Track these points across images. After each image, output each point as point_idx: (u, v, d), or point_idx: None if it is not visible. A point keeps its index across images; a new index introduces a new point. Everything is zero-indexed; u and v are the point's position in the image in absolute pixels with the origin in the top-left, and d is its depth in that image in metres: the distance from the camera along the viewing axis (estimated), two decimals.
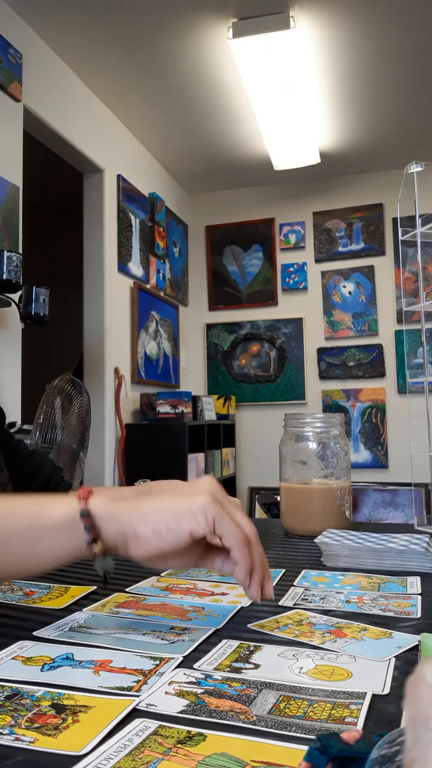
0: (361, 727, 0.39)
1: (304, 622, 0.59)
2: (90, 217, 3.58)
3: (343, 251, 4.61)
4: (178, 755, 0.35)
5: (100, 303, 3.53)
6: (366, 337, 4.54)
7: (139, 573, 0.78)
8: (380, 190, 4.54)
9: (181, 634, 0.56)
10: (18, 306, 2.56)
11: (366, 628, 0.58)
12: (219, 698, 0.43)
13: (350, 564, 0.83)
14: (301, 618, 0.61)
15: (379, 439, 4.43)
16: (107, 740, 0.37)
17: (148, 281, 4.07)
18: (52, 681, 0.45)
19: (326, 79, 3.34)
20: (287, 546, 1.00)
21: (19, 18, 2.80)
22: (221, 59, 3.12)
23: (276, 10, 2.74)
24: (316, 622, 0.60)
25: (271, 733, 0.38)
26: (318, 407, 4.57)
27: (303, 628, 0.58)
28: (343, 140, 4.06)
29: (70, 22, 2.87)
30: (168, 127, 3.87)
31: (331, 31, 2.93)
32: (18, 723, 0.39)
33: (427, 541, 0.85)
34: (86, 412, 2.47)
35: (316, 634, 0.56)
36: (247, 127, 3.82)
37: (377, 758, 0.26)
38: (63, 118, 3.13)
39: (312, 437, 1.11)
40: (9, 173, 2.67)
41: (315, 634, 0.56)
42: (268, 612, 0.64)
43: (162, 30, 2.91)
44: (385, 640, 0.54)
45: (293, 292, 4.72)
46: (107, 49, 3.07)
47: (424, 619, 0.61)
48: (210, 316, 4.87)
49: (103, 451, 3.43)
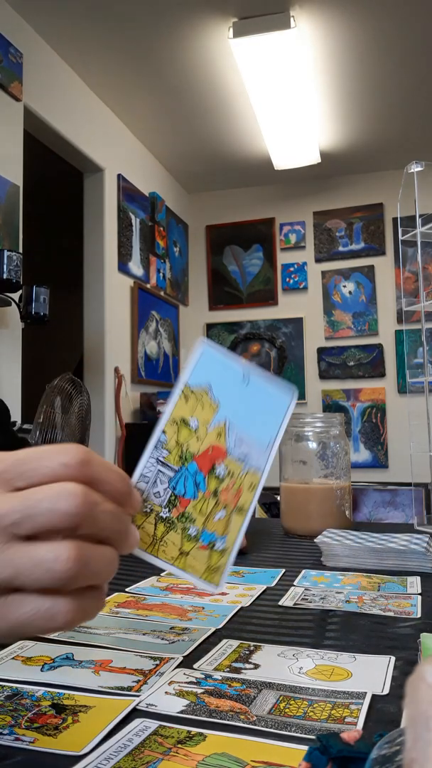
0: (361, 727, 0.39)
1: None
2: (90, 217, 3.58)
3: (343, 251, 4.61)
4: (178, 755, 0.35)
5: (100, 303, 3.53)
6: (366, 337, 4.54)
7: (139, 573, 0.78)
8: (380, 190, 4.54)
9: (181, 634, 0.56)
10: (18, 305, 2.56)
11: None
12: (219, 698, 0.42)
13: (350, 564, 0.83)
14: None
15: (379, 439, 4.43)
16: (107, 740, 0.36)
17: (148, 281, 4.07)
18: (52, 681, 0.45)
19: (326, 79, 3.34)
20: (287, 546, 1.00)
21: (20, 17, 2.80)
22: (222, 59, 3.12)
23: (276, 9, 2.74)
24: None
25: (271, 733, 0.38)
26: (318, 407, 4.57)
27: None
28: (343, 140, 4.06)
29: (71, 22, 2.86)
30: (168, 127, 3.87)
31: (332, 31, 2.93)
32: (18, 723, 0.39)
33: (427, 541, 0.85)
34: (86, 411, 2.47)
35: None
36: (248, 127, 3.82)
37: (377, 758, 0.26)
38: (63, 118, 3.12)
39: (312, 437, 1.11)
40: (9, 172, 2.67)
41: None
42: (268, 612, 0.64)
43: (163, 29, 2.91)
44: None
45: (293, 292, 4.71)
46: (108, 49, 3.07)
47: (424, 619, 0.61)
48: (210, 315, 4.87)
49: (103, 451, 3.43)
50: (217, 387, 0.45)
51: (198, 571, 0.43)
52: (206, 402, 0.44)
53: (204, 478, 0.43)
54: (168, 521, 0.42)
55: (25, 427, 2.29)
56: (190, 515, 0.43)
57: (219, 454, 0.44)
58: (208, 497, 0.43)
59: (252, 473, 0.45)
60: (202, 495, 0.43)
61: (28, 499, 0.32)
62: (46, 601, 0.32)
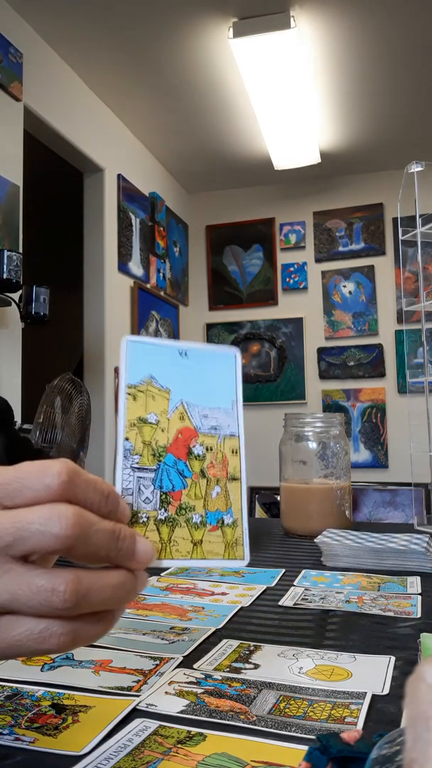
0: (361, 727, 0.39)
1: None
2: (90, 217, 3.58)
3: (343, 251, 4.61)
4: (178, 755, 0.35)
5: (100, 303, 3.53)
6: (366, 337, 4.54)
7: None
8: (380, 190, 4.54)
9: (181, 634, 0.56)
10: (18, 305, 2.56)
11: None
12: (219, 698, 0.43)
13: (350, 564, 0.83)
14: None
15: (379, 439, 4.43)
16: (107, 740, 0.36)
17: (148, 281, 4.07)
18: (52, 681, 0.45)
19: (326, 79, 3.34)
20: (287, 546, 1.00)
21: (20, 17, 2.80)
22: (222, 59, 3.12)
23: (276, 9, 2.74)
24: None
25: (271, 733, 0.38)
26: (318, 407, 4.57)
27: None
28: (343, 140, 4.06)
29: (71, 22, 2.86)
30: (168, 127, 3.87)
31: (332, 31, 2.93)
32: (18, 723, 0.39)
33: (427, 541, 0.85)
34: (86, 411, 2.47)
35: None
36: (247, 127, 3.82)
37: (377, 758, 0.26)
38: (63, 118, 3.12)
39: (312, 437, 1.11)
40: (9, 172, 2.67)
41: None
42: (268, 612, 0.64)
43: (163, 29, 2.91)
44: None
45: (293, 292, 4.71)
46: (108, 49, 3.07)
47: (424, 619, 0.61)
48: (210, 315, 4.87)
49: (103, 451, 3.43)
50: (160, 374, 0.44)
51: (218, 554, 0.43)
52: (155, 392, 0.44)
53: (185, 464, 0.43)
54: (169, 520, 0.42)
55: (25, 427, 2.29)
56: (187, 504, 0.43)
57: (190, 434, 0.44)
58: (197, 480, 0.43)
59: (229, 438, 0.45)
60: (191, 480, 0.43)
61: (20, 520, 0.32)
62: (40, 623, 0.32)
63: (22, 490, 0.33)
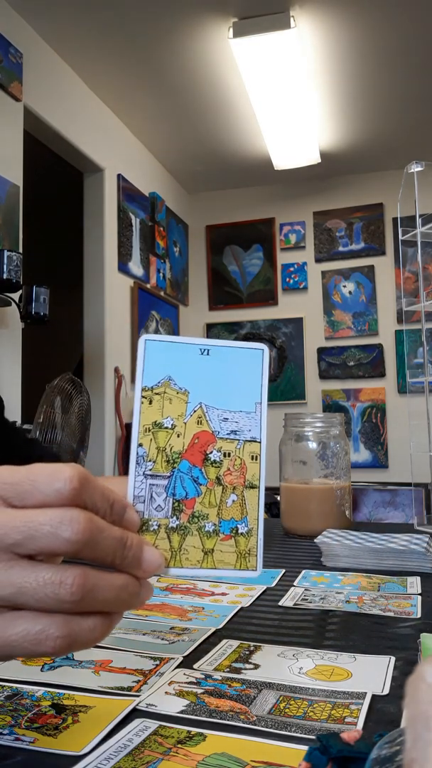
0: (361, 727, 0.39)
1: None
2: (90, 217, 3.58)
3: (343, 251, 4.61)
4: (178, 755, 0.35)
5: (100, 303, 3.53)
6: (366, 337, 4.54)
7: None
8: (380, 190, 4.54)
9: (181, 634, 0.56)
10: (18, 305, 2.56)
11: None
12: (219, 698, 0.43)
13: (350, 564, 0.83)
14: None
15: (379, 439, 4.43)
16: (107, 740, 0.37)
17: (148, 281, 4.07)
18: (52, 681, 0.45)
19: (326, 79, 3.33)
20: (287, 546, 1.00)
21: (20, 17, 2.80)
22: (221, 59, 3.12)
23: (276, 9, 2.74)
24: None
25: (271, 733, 0.38)
26: (318, 407, 4.57)
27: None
28: (343, 140, 4.06)
29: (71, 22, 2.86)
30: (168, 127, 3.87)
31: (332, 31, 2.93)
32: (18, 723, 0.39)
33: (427, 541, 0.85)
34: (86, 411, 2.47)
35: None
36: (247, 127, 3.82)
37: (377, 758, 0.26)
38: (63, 118, 3.12)
39: (312, 437, 1.11)
40: (9, 173, 2.67)
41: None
42: (268, 612, 0.64)
43: (162, 29, 2.91)
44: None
45: (293, 292, 4.71)
46: (108, 49, 3.07)
47: (424, 619, 0.61)
48: (210, 315, 4.87)
49: (103, 451, 3.43)
50: (178, 374, 0.42)
51: (230, 564, 0.41)
52: (172, 394, 0.42)
53: (201, 471, 0.42)
54: (180, 528, 0.41)
55: (25, 426, 2.29)
56: (200, 513, 0.41)
57: (207, 439, 0.42)
58: (212, 487, 0.42)
59: (249, 443, 0.43)
60: (205, 488, 0.42)
61: (32, 520, 0.32)
62: (38, 623, 0.32)
63: (32, 492, 0.33)
